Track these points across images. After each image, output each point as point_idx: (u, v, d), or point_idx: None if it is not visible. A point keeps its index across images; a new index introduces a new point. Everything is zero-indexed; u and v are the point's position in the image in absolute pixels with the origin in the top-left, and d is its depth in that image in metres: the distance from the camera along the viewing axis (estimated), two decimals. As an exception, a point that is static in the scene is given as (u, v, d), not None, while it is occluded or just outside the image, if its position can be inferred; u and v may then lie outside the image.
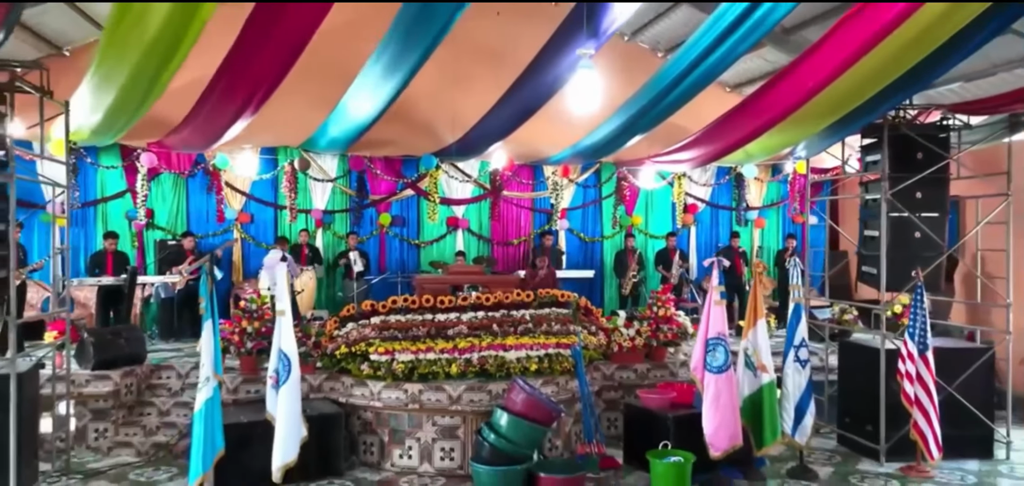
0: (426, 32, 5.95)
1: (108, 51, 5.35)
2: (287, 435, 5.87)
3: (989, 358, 7.69)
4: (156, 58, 5.28)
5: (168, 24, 4.68)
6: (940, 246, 7.69)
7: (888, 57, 6.29)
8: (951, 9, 5.51)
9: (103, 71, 5.68)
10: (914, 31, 5.86)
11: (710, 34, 7.54)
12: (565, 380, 7.41)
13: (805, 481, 6.78)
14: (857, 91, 6.94)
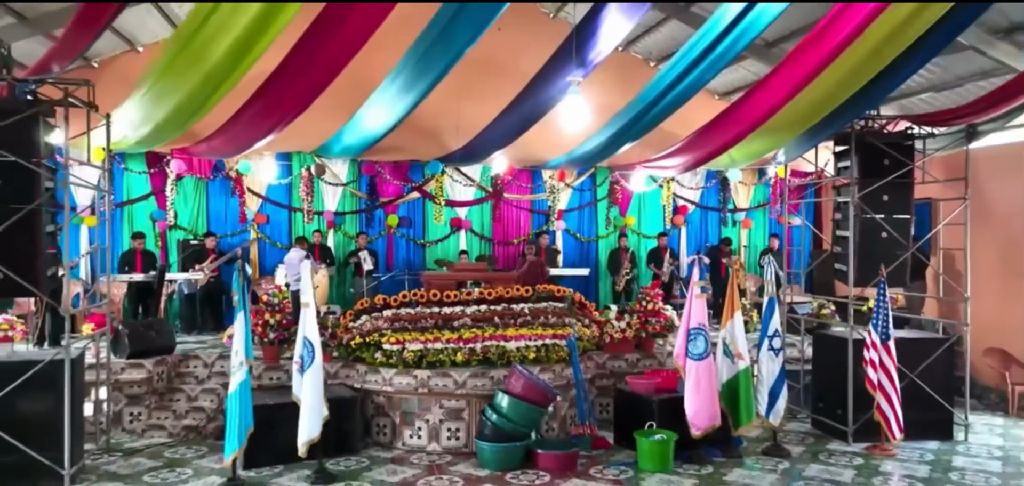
0: (441, 57, 6.62)
1: (166, 75, 6.04)
2: (311, 414, 6.56)
3: (949, 347, 8.38)
4: (213, 82, 5.98)
5: (228, 55, 5.38)
6: (905, 245, 8.38)
7: (852, 68, 7.01)
8: (905, 22, 6.17)
9: (157, 91, 6.38)
10: (873, 42, 6.57)
11: (697, 47, 8.23)
12: (561, 368, 8.10)
13: (778, 459, 7.46)
14: (827, 99, 7.65)
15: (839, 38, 6.46)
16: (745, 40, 7.98)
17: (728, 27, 7.86)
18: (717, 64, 8.48)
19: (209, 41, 5.47)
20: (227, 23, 5.25)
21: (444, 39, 6.38)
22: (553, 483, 6.68)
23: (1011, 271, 10.01)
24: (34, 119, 6.51)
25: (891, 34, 6.36)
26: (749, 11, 7.57)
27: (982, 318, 10.43)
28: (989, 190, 10.52)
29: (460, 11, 6.06)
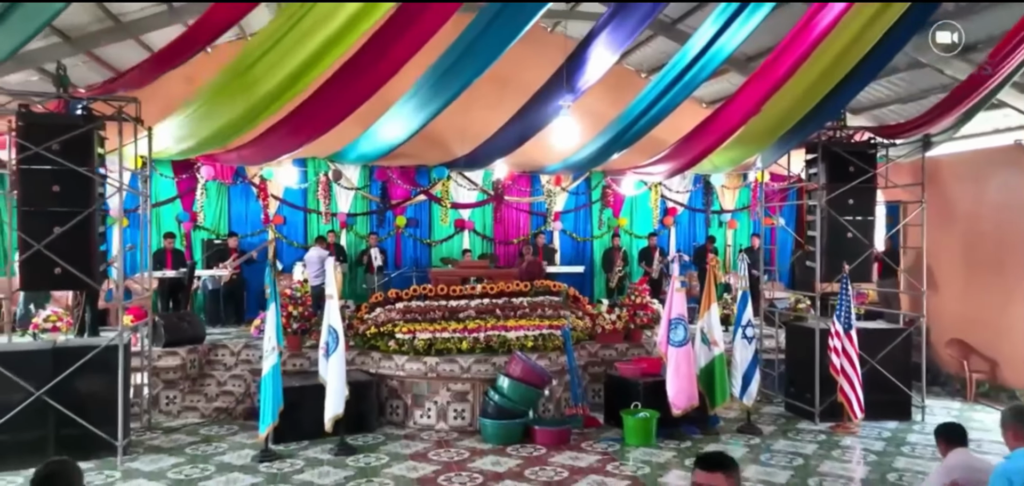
0: (457, 79, 7.46)
1: (214, 99, 6.91)
2: (336, 393, 7.42)
3: (909, 336, 9.25)
4: (259, 108, 6.85)
5: (278, 86, 6.24)
6: (867, 244, 9.24)
7: (811, 83, 7.89)
8: (854, 39, 7.02)
9: (203, 112, 7.25)
10: (829, 58, 7.45)
11: (682, 61, 9.08)
12: (556, 355, 8.96)
13: (751, 436, 8.32)
14: (793, 110, 8.53)
15: (797, 54, 7.34)
16: (723, 55, 8.83)
17: (708, 43, 8.71)
18: (699, 76, 9.32)
19: (262, 76, 6.34)
20: (282, 61, 6.11)
21: (461, 63, 7.20)
22: (548, 456, 7.54)
23: (972, 268, 10.88)
24: (89, 132, 7.40)
25: (842, 52, 7.25)
26: (726, 28, 8.43)
27: (946, 311, 11.34)
28: (953, 194, 11.41)
29: (481, 36, 6.87)
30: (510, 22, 6.83)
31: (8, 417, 6.96)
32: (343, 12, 5.67)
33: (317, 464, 7.25)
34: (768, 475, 7.02)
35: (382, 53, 6.44)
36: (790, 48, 7.47)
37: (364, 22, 5.85)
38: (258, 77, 6.39)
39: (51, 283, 7.67)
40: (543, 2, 6.93)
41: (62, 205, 7.20)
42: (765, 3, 7.68)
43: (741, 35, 8.24)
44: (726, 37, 8.49)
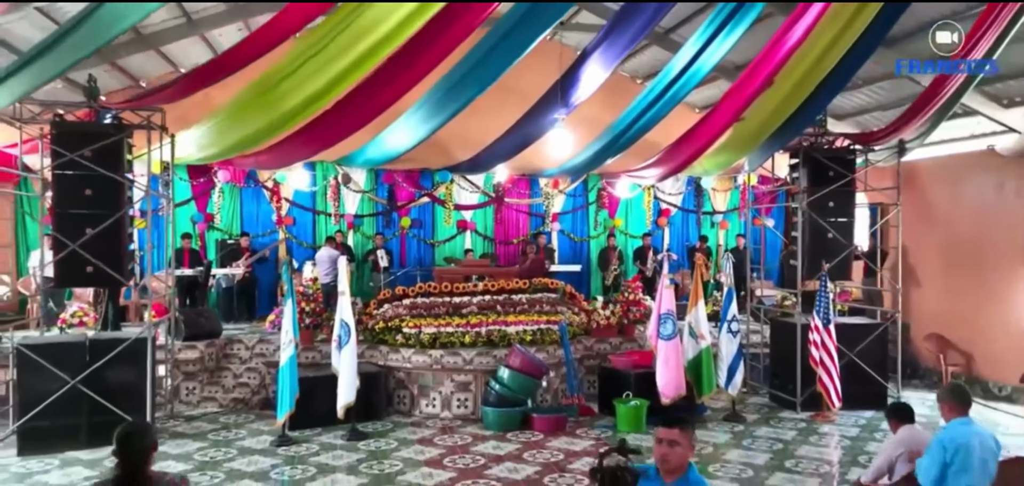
0: (464, 93, 8.01)
1: (239, 113, 7.48)
2: (348, 382, 7.99)
3: (885, 331, 9.82)
4: (282, 122, 7.41)
5: (302, 103, 6.80)
6: (846, 244, 9.81)
7: (788, 92, 8.44)
8: (831, 43, 7.56)
9: (227, 124, 7.82)
10: (801, 70, 8.00)
11: (672, 70, 9.64)
12: (553, 349, 9.53)
13: (735, 423, 8.89)
14: (776, 115, 9.08)
15: (771, 66, 7.93)
16: (710, 64, 9.37)
17: (697, 53, 9.26)
18: (689, 83, 9.87)
19: (287, 93, 6.90)
20: (306, 82, 6.67)
21: (467, 79, 7.74)
22: (546, 441, 8.11)
23: (951, 267, 11.44)
24: (120, 140, 7.97)
25: (813, 64, 7.83)
26: (713, 39, 8.98)
27: (925, 308, 11.94)
28: (931, 197, 11.99)
29: (491, 51, 7.39)
30: (516, 42, 7.34)
31: (46, 404, 7.53)
32: (366, 40, 6.22)
33: (331, 448, 7.82)
34: (749, 458, 7.59)
35: (399, 73, 6.94)
36: (765, 60, 8.06)
37: (385, 47, 6.38)
38: (283, 94, 6.95)
39: (83, 280, 8.22)
40: (543, 27, 7.43)
41: (94, 208, 7.78)
42: (747, 15, 8.22)
43: (726, 45, 8.78)
44: (713, 47, 9.03)
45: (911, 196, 12.26)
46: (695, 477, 3.15)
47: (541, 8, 6.76)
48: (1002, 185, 10.43)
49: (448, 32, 6.48)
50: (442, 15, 6.19)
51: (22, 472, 7.07)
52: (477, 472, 7.07)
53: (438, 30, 6.34)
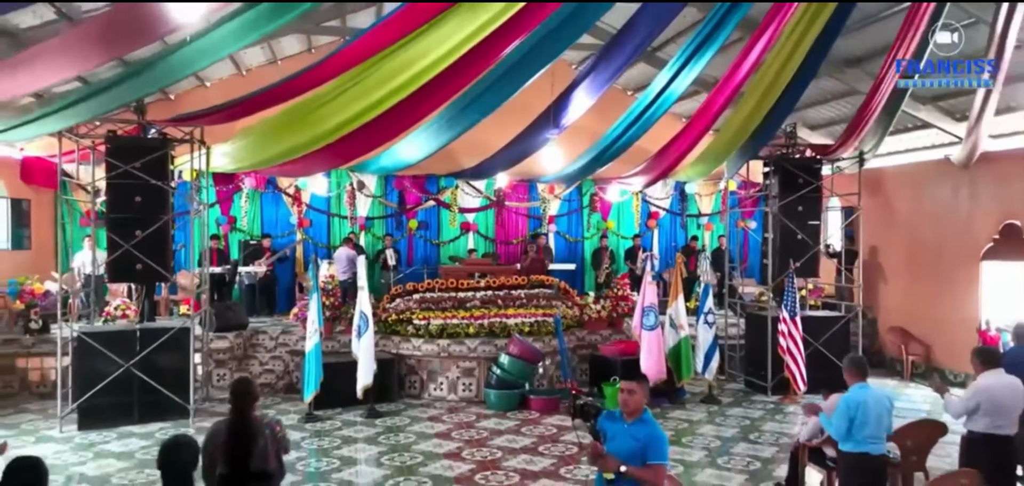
0: (470, 117, 9.03)
1: (274, 132, 8.53)
2: (366, 366, 9.04)
3: (847, 323, 10.89)
4: (314, 141, 8.47)
5: (336, 126, 7.87)
6: (813, 245, 10.87)
7: (753, 106, 9.49)
8: (785, 61, 8.59)
9: (262, 140, 8.87)
10: (761, 89, 9.05)
11: (659, 82, 10.65)
12: (549, 339, 10.57)
13: (711, 405, 9.95)
14: (743, 128, 10.12)
15: (732, 87, 9.02)
16: (689, 80, 10.40)
17: (680, 66, 10.29)
18: (672, 97, 10.90)
19: (323, 117, 7.94)
20: (343, 109, 7.70)
21: (476, 104, 8.76)
22: (541, 418, 9.17)
23: (913, 266, 12.49)
24: (165, 153, 9.03)
25: (770, 84, 8.88)
26: (693, 58, 10.00)
27: (890, 303, 13.01)
28: (896, 202, 13.06)
29: (498, 81, 8.40)
30: (521, 73, 8.33)
31: (103, 384, 8.60)
32: (400, 76, 7.22)
33: (352, 424, 8.88)
34: (719, 432, 8.66)
35: (424, 100, 7.91)
36: (731, 77, 9.16)
37: (416, 82, 7.37)
38: (319, 118, 7.98)
39: (132, 277, 9.27)
40: (547, 61, 8.41)
41: (142, 213, 8.85)
42: (720, 35, 9.23)
43: (702, 64, 9.81)
44: (692, 65, 10.06)
45: (878, 201, 13.35)
46: (649, 418, 4.19)
47: (544, 45, 7.75)
48: (957, 191, 11.47)
49: (470, 67, 7.43)
50: (467, 55, 7.19)
51: (86, 443, 8.14)
52: (481, 443, 8.14)
53: (462, 66, 7.30)
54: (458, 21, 6.79)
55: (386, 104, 7.72)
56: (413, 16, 6.69)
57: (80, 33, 5.93)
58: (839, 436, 5.15)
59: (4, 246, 11.99)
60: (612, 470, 4.01)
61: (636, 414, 4.15)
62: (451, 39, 6.91)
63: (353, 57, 6.96)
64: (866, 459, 5.06)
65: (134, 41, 6.13)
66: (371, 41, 6.82)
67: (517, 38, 7.25)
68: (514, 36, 7.24)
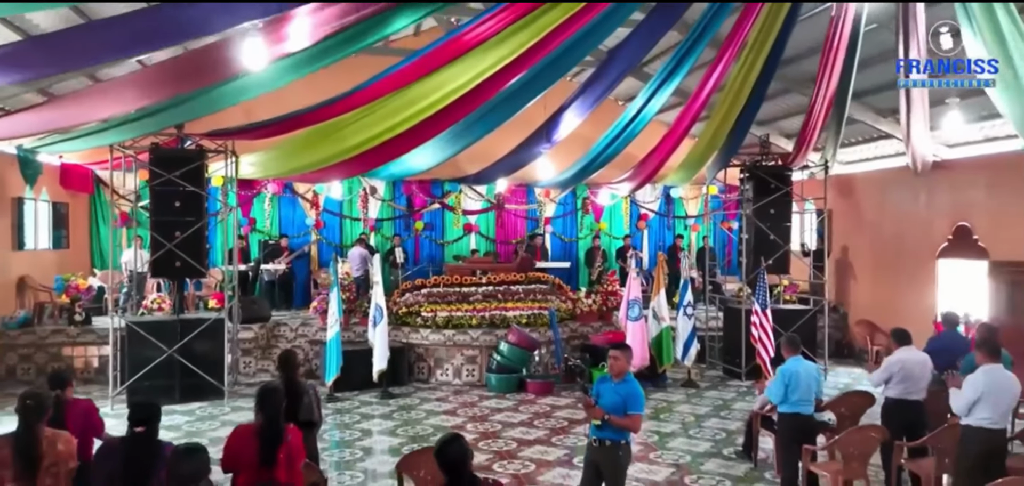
0: (476, 131, 10.14)
1: (303, 146, 9.66)
2: (381, 352, 10.16)
3: (814, 315, 12.00)
4: (339, 154, 9.61)
5: (362, 141, 9.01)
6: (783, 244, 11.97)
7: (720, 120, 10.59)
8: (743, 78, 9.68)
9: (291, 152, 10.00)
10: (730, 99, 10.15)
11: (644, 94, 11.74)
12: (544, 329, 11.67)
13: (689, 389, 11.05)
14: (716, 135, 11.22)
15: (698, 104, 10.19)
16: (668, 92, 11.48)
17: (662, 80, 11.38)
18: (652, 109, 11.99)
19: (348, 135, 9.05)
20: (367, 128, 8.81)
21: (481, 121, 9.84)
22: (537, 400, 10.27)
23: (879, 263, 13.61)
24: (202, 163, 10.15)
25: (733, 99, 10.00)
26: (672, 74, 11.08)
27: (859, 297, 14.14)
28: (863, 205, 14.18)
29: (510, 97, 9.46)
30: (529, 91, 9.37)
31: (149, 368, 9.71)
32: (422, 102, 8.31)
33: (369, 404, 10.00)
34: (694, 410, 9.78)
35: (442, 120, 8.99)
36: (698, 93, 10.34)
37: (437, 106, 8.44)
38: (344, 136, 9.09)
39: (173, 273, 10.37)
40: (550, 82, 9.48)
41: (181, 216, 9.96)
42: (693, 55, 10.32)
43: (678, 79, 10.90)
44: (670, 81, 11.15)
45: (849, 204, 14.49)
46: (631, 379, 5.29)
47: (547, 72, 8.82)
48: (916, 196, 12.58)
49: (480, 94, 8.50)
50: (479, 86, 8.31)
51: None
52: (483, 419, 9.25)
53: (473, 93, 8.39)
54: (474, 59, 7.89)
55: (403, 126, 8.82)
56: (433, 57, 7.81)
57: (152, 73, 6.98)
58: (777, 400, 6.27)
59: (46, 246, 13.07)
60: (598, 418, 5.14)
61: (620, 375, 5.28)
62: (465, 74, 8.00)
63: (378, 90, 8.06)
64: (798, 418, 6.19)
65: (202, 81, 7.18)
66: (397, 77, 7.92)
67: (524, 69, 8.32)
68: (521, 69, 8.31)
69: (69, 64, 7.46)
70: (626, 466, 5.33)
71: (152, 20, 5.70)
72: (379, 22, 6.51)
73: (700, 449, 8.09)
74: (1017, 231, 10.57)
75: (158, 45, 6.95)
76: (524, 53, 7.70)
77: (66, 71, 8.72)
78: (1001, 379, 5.33)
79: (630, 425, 5.18)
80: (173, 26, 5.92)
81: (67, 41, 6.44)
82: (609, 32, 9.26)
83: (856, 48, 8.77)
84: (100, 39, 6.15)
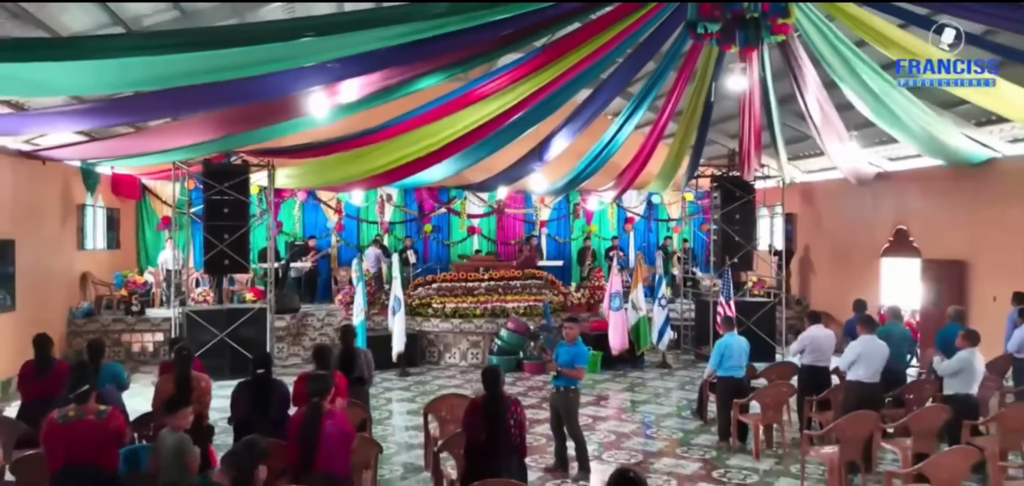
0: (486, 149, 11.97)
1: (334, 165, 11.49)
2: (399, 337, 11.96)
3: (772, 307, 13.80)
4: (364, 172, 11.45)
5: (386, 163, 10.85)
6: (746, 244, 13.77)
7: (682, 137, 12.39)
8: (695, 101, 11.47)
9: (321, 169, 11.84)
10: (686, 117, 11.94)
11: (629, 108, 13.50)
12: (539, 319, 13.47)
13: (663, 368, 12.85)
14: (681, 150, 13.02)
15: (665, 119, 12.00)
16: (639, 115, 13.26)
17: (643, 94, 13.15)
18: (626, 133, 13.77)
19: (373, 158, 10.84)
20: (393, 152, 10.60)
21: (486, 144, 11.65)
22: (531, 378, 12.07)
23: (834, 262, 15.41)
24: (246, 176, 11.96)
25: (689, 118, 11.80)
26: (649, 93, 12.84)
27: (818, 291, 15.95)
28: (823, 210, 15.99)
29: (514, 123, 11.21)
30: (532, 116, 11.12)
31: (204, 350, 11.49)
32: (443, 132, 10.14)
33: (389, 381, 11.80)
34: (664, 385, 11.59)
35: (458, 145, 10.82)
36: (660, 117, 12.17)
37: (455, 135, 10.21)
38: (370, 158, 10.89)
39: (222, 270, 12.18)
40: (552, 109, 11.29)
41: (229, 221, 11.75)
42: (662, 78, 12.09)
43: (647, 103, 12.66)
44: (643, 105, 12.93)
45: (811, 209, 16.31)
46: (580, 342, 7.12)
47: (550, 102, 10.61)
48: (864, 202, 14.38)
49: (491, 125, 10.34)
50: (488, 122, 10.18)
51: (196, 390, 11.05)
52: (486, 391, 11.06)
53: (482, 129, 10.25)
54: (482, 106, 9.68)
55: (418, 154, 10.65)
56: (447, 107, 9.64)
57: (226, 116, 8.74)
58: (715, 366, 8.09)
59: (102, 247, 14.86)
60: (552, 369, 6.94)
61: (572, 340, 7.11)
62: (473, 116, 9.82)
63: (399, 129, 9.88)
64: (731, 380, 8.01)
65: (269, 122, 8.97)
66: (415, 121, 9.74)
67: (522, 110, 10.12)
68: (521, 110, 10.12)
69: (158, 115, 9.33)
70: (577, 405, 7.27)
71: (227, 90, 7.32)
72: (411, 82, 8.24)
73: (664, 411, 9.90)
74: (943, 233, 12.39)
75: (231, 103, 8.54)
76: (524, 98, 9.52)
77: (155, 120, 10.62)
78: (873, 346, 7.12)
79: (576, 374, 7.07)
80: (243, 93, 7.58)
81: (157, 100, 8.12)
82: (596, 75, 11.03)
83: (768, 93, 10.54)
84: (188, 99, 7.84)
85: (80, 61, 5.95)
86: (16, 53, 5.78)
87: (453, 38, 6.50)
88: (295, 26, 6.21)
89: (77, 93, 8.12)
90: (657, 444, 8.45)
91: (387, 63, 7.06)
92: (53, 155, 11.23)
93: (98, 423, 4.67)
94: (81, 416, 4.66)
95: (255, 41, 6.08)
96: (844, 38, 8.37)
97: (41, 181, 11.90)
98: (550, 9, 6.75)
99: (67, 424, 4.60)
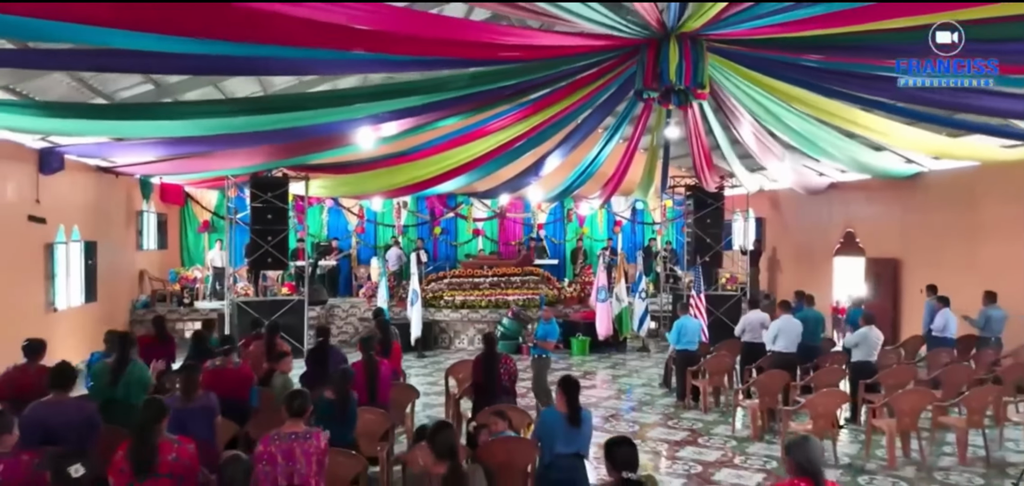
0: (491, 168, 14.13)
1: (359, 180, 13.62)
2: (416, 325, 14.06)
3: (737, 300, 15.88)
4: (386, 185, 13.58)
5: (405, 179, 13.00)
6: (715, 245, 15.85)
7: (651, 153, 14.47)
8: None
9: (347, 182, 13.98)
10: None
11: (611, 131, 15.56)
12: (535, 310, 15.56)
13: (643, 351, 14.93)
14: (651, 164, 15.08)
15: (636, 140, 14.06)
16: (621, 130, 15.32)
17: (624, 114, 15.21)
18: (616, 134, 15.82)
19: (398, 175, 12.95)
20: (414, 171, 12.71)
21: (498, 159, 13.79)
22: (529, 359, 14.12)
23: (797, 261, 17.50)
24: (286, 187, 14.06)
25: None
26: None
27: (784, 286, 17.99)
28: (788, 214, 18.06)
29: (519, 146, 13.32)
30: (535, 139, 13.24)
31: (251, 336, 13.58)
32: (460, 156, 12.27)
33: (407, 362, 13.82)
34: (642, 364, 13.67)
35: (470, 165, 12.97)
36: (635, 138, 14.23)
37: (470, 157, 12.43)
38: (396, 175, 13.01)
39: (266, 267, 14.28)
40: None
41: (272, 225, 13.85)
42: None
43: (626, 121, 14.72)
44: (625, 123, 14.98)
45: (778, 214, 18.39)
46: (553, 321, 9.23)
47: (551, 128, 12.70)
48: (819, 208, 16.47)
49: (497, 153, 12.48)
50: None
51: (247, 368, 13.16)
52: (491, 368, 13.14)
53: (498, 149, 12.41)
54: (493, 138, 11.79)
55: (440, 171, 12.79)
56: (462, 139, 11.75)
57: (275, 148, 10.90)
58: (673, 342, 10.18)
59: (154, 247, 16.96)
60: (529, 341, 9.02)
61: (547, 320, 9.27)
62: (485, 145, 11.96)
63: (420, 155, 12.02)
64: (687, 353, 10.10)
65: (314, 150, 11.13)
66: (433, 150, 11.88)
67: (527, 137, 12.22)
68: (526, 136, 12.24)
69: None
70: (547, 369, 9.50)
71: (285, 133, 9.50)
72: (436, 122, 10.40)
73: (637, 383, 12.00)
74: (881, 236, 14.48)
75: (287, 140, 10.75)
76: (520, 135, 11.67)
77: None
78: (790, 324, 9.22)
79: (548, 346, 9.18)
80: (297, 133, 9.75)
81: (231, 141, 10.31)
82: (575, 118, 13.08)
83: (710, 124, 12.55)
84: (254, 138, 10.05)
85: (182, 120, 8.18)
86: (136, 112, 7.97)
87: (471, 97, 8.67)
88: (347, 94, 8.41)
89: (170, 135, 10.19)
90: (628, 405, 10.53)
91: (421, 112, 9.20)
92: (126, 170, 13.35)
93: (236, 370, 6.78)
94: (225, 365, 6.78)
95: (318, 106, 8.27)
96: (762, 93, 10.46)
97: (111, 191, 13.99)
98: (537, 78, 8.95)
99: (214, 370, 6.70)
